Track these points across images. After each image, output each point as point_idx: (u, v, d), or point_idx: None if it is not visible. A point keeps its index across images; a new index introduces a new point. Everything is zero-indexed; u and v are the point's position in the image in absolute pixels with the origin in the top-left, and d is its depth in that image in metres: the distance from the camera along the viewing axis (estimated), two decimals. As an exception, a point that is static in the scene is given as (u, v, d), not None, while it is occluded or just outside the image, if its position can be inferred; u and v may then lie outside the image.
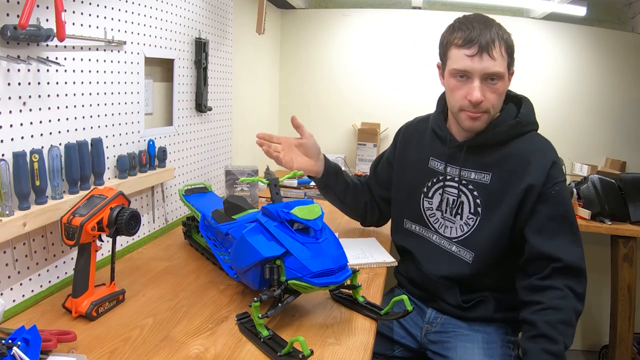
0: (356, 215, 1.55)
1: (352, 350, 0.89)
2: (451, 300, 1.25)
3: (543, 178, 1.14)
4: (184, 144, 1.62)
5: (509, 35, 1.15)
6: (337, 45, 2.69)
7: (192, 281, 1.17)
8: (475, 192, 1.21)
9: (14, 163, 0.90)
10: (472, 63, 1.11)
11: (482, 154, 1.21)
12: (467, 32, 1.11)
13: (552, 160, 1.16)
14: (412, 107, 2.55)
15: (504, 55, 1.12)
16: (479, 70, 1.11)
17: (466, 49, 1.11)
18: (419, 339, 1.30)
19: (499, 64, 1.11)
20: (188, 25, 1.58)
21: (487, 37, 1.09)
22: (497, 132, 1.19)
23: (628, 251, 1.97)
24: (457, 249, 1.24)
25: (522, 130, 1.20)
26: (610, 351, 2.12)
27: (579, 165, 2.49)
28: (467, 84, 1.14)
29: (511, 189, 1.16)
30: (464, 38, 1.11)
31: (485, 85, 1.13)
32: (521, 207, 1.16)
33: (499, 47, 1.10)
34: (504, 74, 1.13)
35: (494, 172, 1.19)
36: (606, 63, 2.50)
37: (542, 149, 1.18)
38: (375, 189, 1.49)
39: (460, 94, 1.15)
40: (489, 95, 1.13)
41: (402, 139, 1.43)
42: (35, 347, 0.72)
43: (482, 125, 1.17)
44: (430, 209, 1.30)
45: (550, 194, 1.14)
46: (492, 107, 1.15)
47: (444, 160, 1.27)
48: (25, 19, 0.83)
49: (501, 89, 1.14)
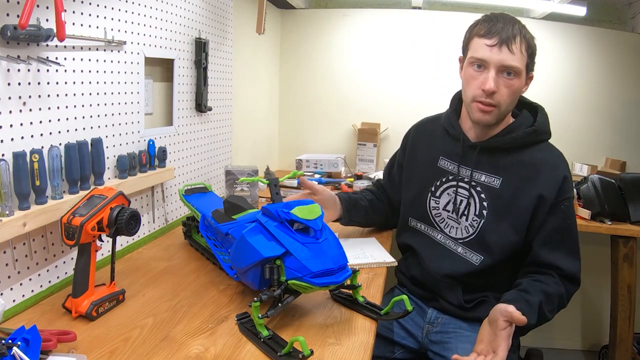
0: (382, 225, 1.57)
1: (352, 350, 0.89)
2: (453, 300, 1.25)
3: (555, 191, 1.17)
4: (184, 144, 1.62)
5: (533, 37, 1.17)
6: (337, 45, 2.69)
7: (192, 281, 1.17)
8: (483, 195, 1.22)
9: (14, 163, 0.90)
10: (490, 53, 1.13)
11: (495, 157, 1.22)
12: (491, 24, 1.14)
13: (564, 174, 1.19)
14: (412, 107, 2.56)
15: (524, 53, 1.14)
16: (496, 60, 1.13)
17: (487, 39, 1.14)
18: (420, 339, 1.30)
19: (517, 59, 1.12)
20: (188, 25, 1.58)
21: (509, 32, 1.12)
22: (512, 138, 1.20)
23: (628, 251, 1.97)
24: (464, 250, 1.24)
25: (537, 138, 1.22)
26: (610, 351, 2.12)
27: (579, 165, 2.49)
28: (482, 74, 1.16)
29: (521, 196, 1.18)
30: (487, 29, 1.15)
31: (501, 78, 1.14)
32: (534, 217, 1.18)
33: (519, 43, 1.12)
34: (521, 71, 1.14)
35: (505, 177, 1.20)
36: (606, 63, 2.50)
37: (556, 161, 1.21)
38: (393, 196, 1.49)
39: (476, 84, 1.17)
40: (503, 89, 1.15)
41: (411, 140, 1.43)
42: (35, 347, 0.72)
43: (491, 119, 1.18)
44: (437, 208, 1.30)
45: (560, 208, 1.17)
46: (503, 102, 1.16)
47: (457, 161, 1.27)
48: (25, 19, 0.83)
49: (516, 85, 1.15)
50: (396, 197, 1.48)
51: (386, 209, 1.51)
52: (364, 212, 1.48)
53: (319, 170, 2.34)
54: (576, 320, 2.63)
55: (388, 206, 1.51)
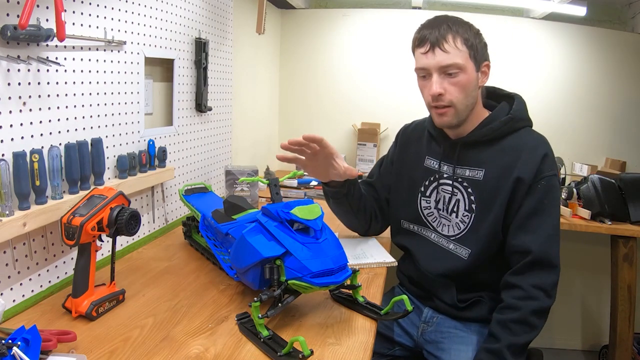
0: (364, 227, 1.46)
1: (352, 350, 0.89)
2: (447, 299, 1.26)
3: (533, 172, 1.15)
4: (184, 144, 1.62)
5: (468, 27, 1.16)
6: (337, 45, 2.69)
7: (192, 281, 1.17)
8: (470, 189, 1.22)
9: (14, 163, 0.90)
10: (426, 60, 1.16)
11: (476, 151, 1.23)
12: (421, 33, 1.17)
13: (543, 153, 1.16)
14: (412, 107, 2.54)
15: (460, 48, 1.14)
16: (433, 64, 1.15)
17: (421, 48, 1.17)
18: (415, 337, 1.31)
19: (454, 56, 1.13)
20: (188, 25, 1.58)
21: (437, 33, 1.14)
22: (490, 129, 1.20)
23: (628, 251, 1.97)
24: (454, 246, 1.25)
25: (515, 126, 1.21)
26: (610, 351, 2.12)
27: (579, 165, 2.49)
28: (428, 81, 1.18)
29: (503, 184, 1.17)
30: (418, 38, 1.18)
31: (445, 79, 1.15)
32: (511, 201, 1.16)
33: (452, 39, 1.13)
34: (464, 66, 1.14)
35: (487, 168, 1.20)
36: (606, 63, 2.50)
37: (535, 144, 1.19)
38: (382, 192, 1.44)
39: (426, 91, 1.20)
40: (450, 87, 1.15)
41: (402, 139, 1.43)
42: (35, 347, 0.72)
43: (451, 120, 1.19)
44: (429, 208, 1.30)
45: (537, 187, 1.15)
46: (456, 99, 1.16)
47: (439, 159, 1.28)
48: (25, 19, 0.83)
49: (463, 80, 1.15)
50: (384, 195, 1.43)
51: (372, 211, 1.43)
52: (358, 196, 1.37)
53: (319, 170, 2.33)
54: (576, 320, 2.63)
55: (377, 207, 1.44)
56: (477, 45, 1.16)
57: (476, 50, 1.16)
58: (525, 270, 1.12)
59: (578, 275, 2.52)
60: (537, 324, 1.09)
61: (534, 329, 1.09)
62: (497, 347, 1.07)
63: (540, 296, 1.10)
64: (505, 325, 1.09)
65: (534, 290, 1.10)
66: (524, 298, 1.10)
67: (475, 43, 1.16)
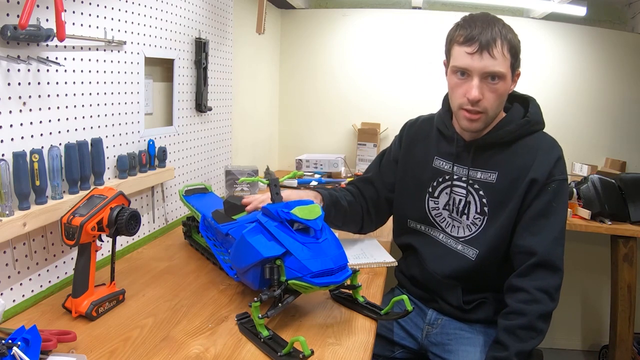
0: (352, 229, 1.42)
1: (352, 350, 0.89)
2: (452, 301, 1.25)
3: (546, 174, 1.14)
4: (184, 144, 1.62)
5: (515, 35, 1.13)
6: (337, 45, 2.69)
7: (192, 281, 1.17)
8: (482, 192, 1.20)
9: (14, 163, 0.90)
10: (472, 61, 1.10)
11: (490, 153, 1.21)
12: (469, 30, 1.11)
13: (557, 156, 1.16)
14: (413, 106, 2.54)
15: (506, 55, 1.10)
16: (478, 68, 1.10)
17: (467, 47, 1.11)
18: (419, 340, 1.30)
19: (500, 64, 1.10)
20: (188, 25, 1.58)
21: (489, 36, 1.09)
22: (506, 131, 1.19)
23: (628, 251, 1.97)
24: (463, 247, 1.24)
25: (531, 129, 1.20)
26: (610, 351, 2.12)
27: (579, 165, 2.49)
28: (466, 82, 1.13)
29: (517, 185, 1.16)
30: (465, 36, 1.11)
31: (485, 84, 1.12)
32: (524, 202, 1.16)
33: (500, 46, 1.09)
34: (505, 75, 1.11)
35: (500, 171, 1.19)
36: (606, 63, 2.50)
37: (549, 146, 1.18)
38: (382, 191, 1.40)
39: (460, 92, 1.15)
40: (488, 94, 1.12)
41: (407, 137, 1.38)
42: (35, 347, 0.72)
43: (480, 126, 1.17)
44: (437, 209, 1.29)
45: (547, 189, 1.14)
46: (490, 107, 1.14)
47: (451, 160, 1.26)
48: (25, 19, 0.83)
49: (501, 89, 1.13)
50: (385, 195, 1.39)
51: (363, 213, 1.39)
52: (342, 214, 1.34)
53: (319, 170, 2.34)
54: (576, 320, 2.63)
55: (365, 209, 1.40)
56: (518, 54, 1.14)
57: (516, 59, 1.14)
58: (530, 272, 1.11)
59: (578, 275, 2.51)
60: (543, 329, 1.08)
61: (540, 334, 1.08)
62: (505, 355, 1.06)
63: (544, 299, 1.08)
64: (513, 332, 1.07)
65: (538, 293, 1.08)
66: (530, 302, 1.08)
67: (518, 52, 1.13)
